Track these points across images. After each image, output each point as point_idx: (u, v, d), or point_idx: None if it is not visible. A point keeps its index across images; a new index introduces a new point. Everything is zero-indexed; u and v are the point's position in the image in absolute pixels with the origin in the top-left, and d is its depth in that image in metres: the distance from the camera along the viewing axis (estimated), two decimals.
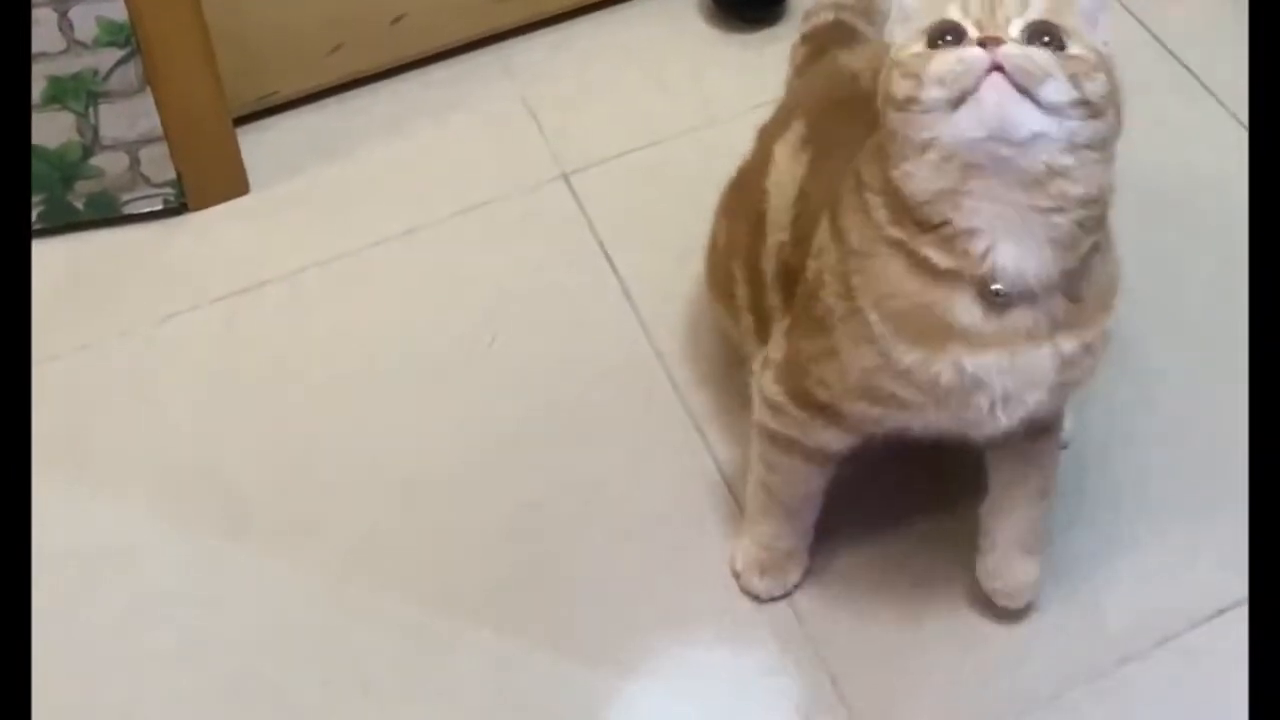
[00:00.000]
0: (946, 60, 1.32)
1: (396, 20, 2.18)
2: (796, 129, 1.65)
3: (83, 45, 1.90)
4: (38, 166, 1.98)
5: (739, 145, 2.12)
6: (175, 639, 1.70)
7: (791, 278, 1.57)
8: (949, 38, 1.34)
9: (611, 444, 1.84)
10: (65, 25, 1.88)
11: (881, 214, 1.42)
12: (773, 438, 1.62)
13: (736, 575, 1.72)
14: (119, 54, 1.92)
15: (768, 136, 1.72)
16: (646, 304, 1.97)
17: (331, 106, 2.22)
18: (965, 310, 1.40)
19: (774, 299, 1.62)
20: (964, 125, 1.32)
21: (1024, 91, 1.30)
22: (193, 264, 2.04)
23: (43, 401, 1.85)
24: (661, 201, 2.09)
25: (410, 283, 2.02)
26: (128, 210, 2.07)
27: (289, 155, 2.15)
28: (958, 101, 1.31)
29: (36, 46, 1.87)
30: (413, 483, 1.82)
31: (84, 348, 1.95)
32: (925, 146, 1.35)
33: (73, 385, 1.91)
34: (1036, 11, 1.35)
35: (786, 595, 1.71)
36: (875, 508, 1.76)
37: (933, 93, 1.32)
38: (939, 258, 1.39)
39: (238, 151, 2.09)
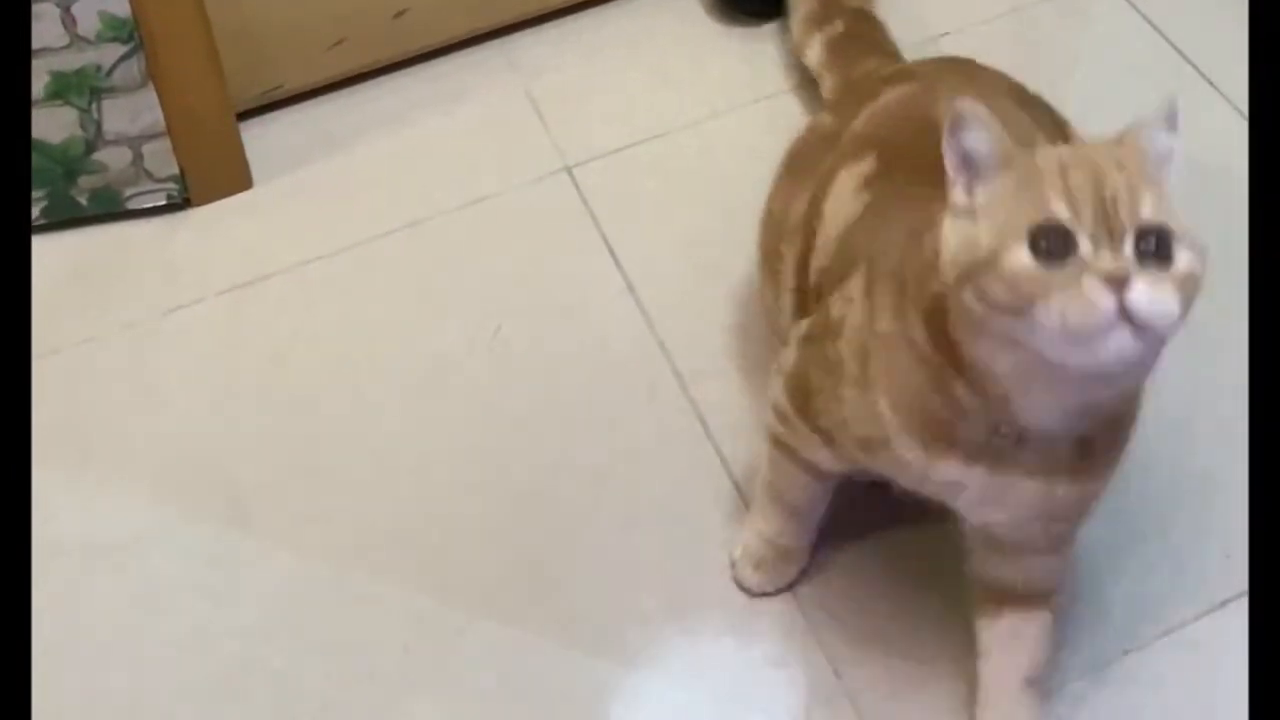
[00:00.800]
0: (1074, 306, 1.22)
1: (399, 14, 2.18)
2: (866, 163, 1.60)
3: (85, 40, 1.90)
4: (40, 162, 1.98)
5: (742, 138, 2.14)
6: (180, 629, 1.71)
7: (820, 296, 1.57)
8: (1054, 242, 1.24)
9: (615, 435, 1.85)
10: (68, 20, 1.88)
11: (919, 334, 1.38)
12: (776, 442, 1.62)
13: (732, 564, 1.72)
14: (122, 49, 1.92)
15: (839, 154, 1.66)
16: (649, 296, 1.97)
17: (335, 101, 2.22)
18: (973, 432, 1.38)
19: (811, 300, 1.61)
20: (1073, 359, 1.25)
21: (1143, 337, 1.23)
22: (196, 258, 2.04)
23: (47, 395, 1.86)
24: (665, 194, 2.09)
25: (414, 276, 2.02)
26: (131, 205, 2.07)
27: (292, 150, 2.15)
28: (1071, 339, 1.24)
29: (39, 42, 1.88)
30: (417, 474, 1.83)
31: (87, 341, 1.95)
32: (1010, 344, 1.28)
33: (77, 379, 1.92)
34: (1149, 212, 1.26)
35: (778, 592, 1.71)
36: (879, 500, 1.75)
37: (1046, 325, 1.24)
38: (966, 399, 1.36)
39: (240, 146, 2.09)
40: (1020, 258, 1.25)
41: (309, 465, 1.84)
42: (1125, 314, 1.21)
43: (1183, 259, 1.25)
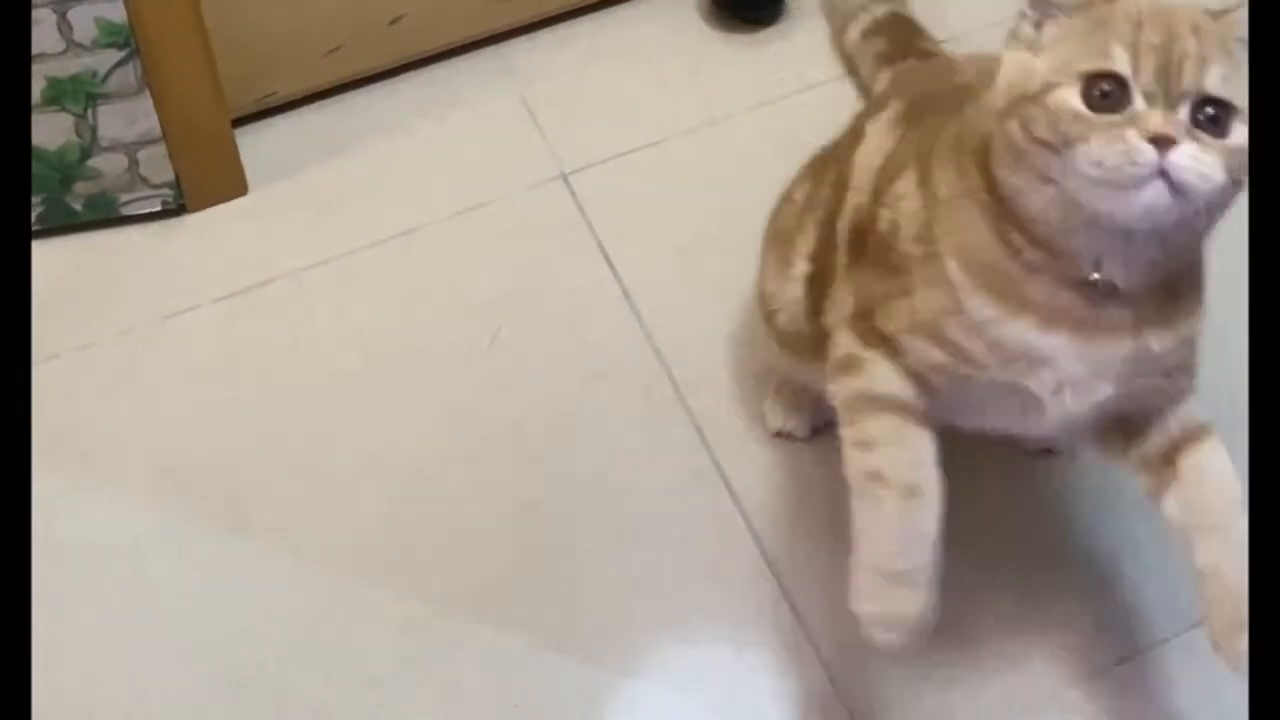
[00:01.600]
0: (1112, 150, 1.25)
1: (395, 20, 2.18)
2: (893, 108, 1.60)
3: (81, 46, 1.90)
4: (36, 168, 1.98)
5: (738, 145, 2.14)
6: (177, 635, 1.71)
7: (861, 238, 1.52)
8: (1108, 91, 1.26)
9: (611, 442, 1.85)
10: (64, 26, 1.87)
11: (976, 180, 1.37)
12: (852, 406, 1.47)
13: (860, 620, 1.42)
14: (118, 55, 1.92)
15: (861, 118, 1.68)
16: (646, 303, 1.97)
17: (331, 107, 2.21)
18: (1045, 288, 1.35)
19: (842, 258, 1.56)
20: (1106, 206, 1.27)
21: (1179, 195, 1.25)
22: (192, 264, 2.04)
23: (44, 400, 1.86)
24: (661, 200, 2.09)
25: (410, 282, 2.02)
26: (127, 211, 2.06)
27: (288, 156, 2.15)
28: (1106, 183, 1.26)
29: (35, 47, 1.87)
30: (413, 481, 1.83)
31: (84, 347, 1.95)
32: (1047, 182, 1.30)
33: (74, 384, 1.91)
34: (1213, 84, 1.27)
35: (921, 642, 1.44)
36: None
37: (1081, 165, 1.26)
38: (1029, 251, 1.35)
39: (236, 152, 2.09)
40: (1070, 97, 1.27)
41: (306, 470, 1.84)
42: (1164, 171, 1.24)
43: (1238, 134, 1.27)
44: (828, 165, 1.69)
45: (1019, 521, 1.77)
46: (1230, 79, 1.27)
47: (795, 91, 2.18)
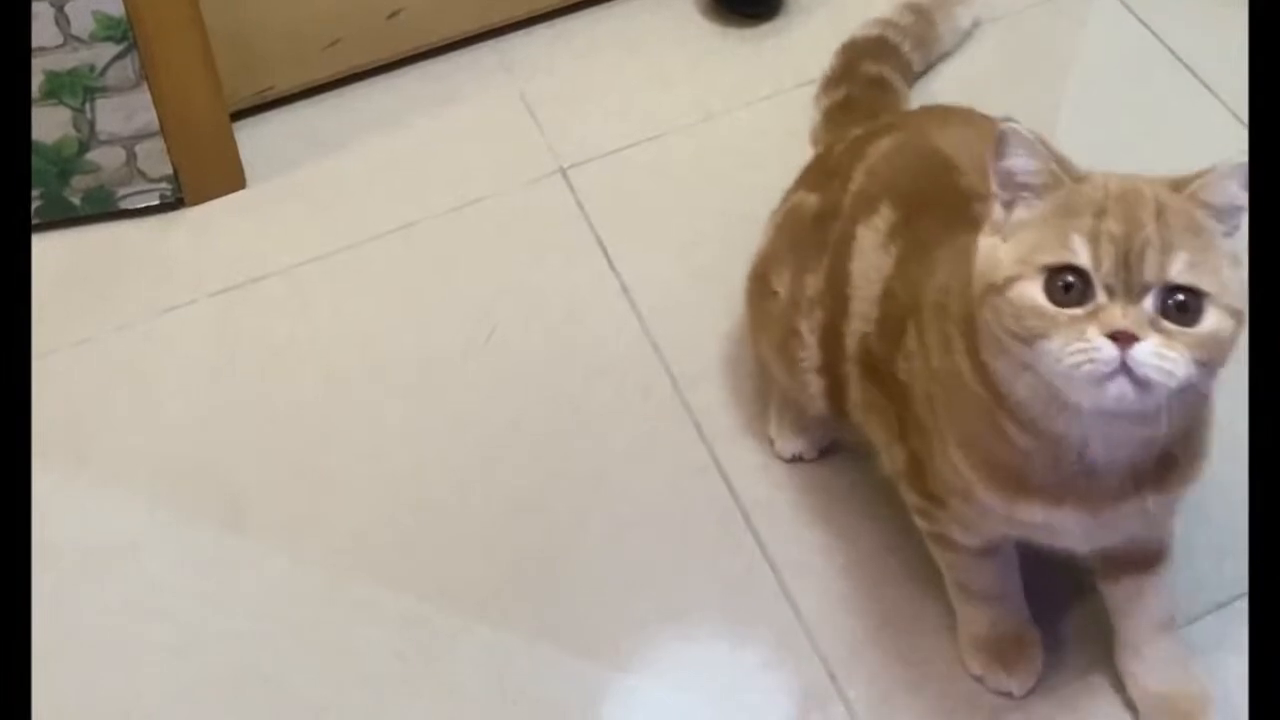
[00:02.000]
0: (1075, 347, 1.24)
1: (393, 15, 2.18)
2: (885, 215, 1.57)
3: (79, 40, 1.89)
4: (34, 162, 1.97)
5: (737, 140, 2.14)
6: (175, 633, 1.70)
7: (872, 365, 1.55)
8: (1071, 283, 1.25)
9: (609, 438, 1.84)
10: (62, 20, 1.87)
11: (964, 363, 1.38)
12: (933, 539, 1.60)
13: (980, 679, 1.62)
14: (116, 49, 1.92)
15: (848, 215, 1.63)
16: (644, 298, 1.97)
17: (329, 101, 2.21)
18: (1042, 473, 1.37)
19: (853, 370, 1.59)
20: (1074, 395, 1.27)
21: (1144, 389, 1.24)
22: (190, 259, 2.04)
23: (41, 395, 1.85)
24: (659, 196, 2.09)
25: (408, 277, 2.01)
26: (124, 205, 2.06)
27: (286, 150, 2.15)
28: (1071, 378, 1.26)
29: (34, 41, 1.87)
30: (411, 477, 1.82)
31: (82, 342, 1.95)
32: (1026, 368, 1.30)
33: (71, 379, 1.91)
34: (1178, 272, 1.25)
35: (1027, 695, 1.62)
36: (876, 502, 1.76)
37: (1046, 360, 1.26)
38: (1019, 438, 1.36)
39: (234, 146, 2.09)
40: (1031, 292, 1.26)
41: (304, 468, 1.84)
42: (1127, 366, 1.23)
43: (1209, 320, 1.25)
44: (814, 250, 1.66)
45: None
46: (1199, 263, 1.26)
47: (794, 86, 2.18)
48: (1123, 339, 1.23)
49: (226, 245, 2.05)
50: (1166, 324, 1.24)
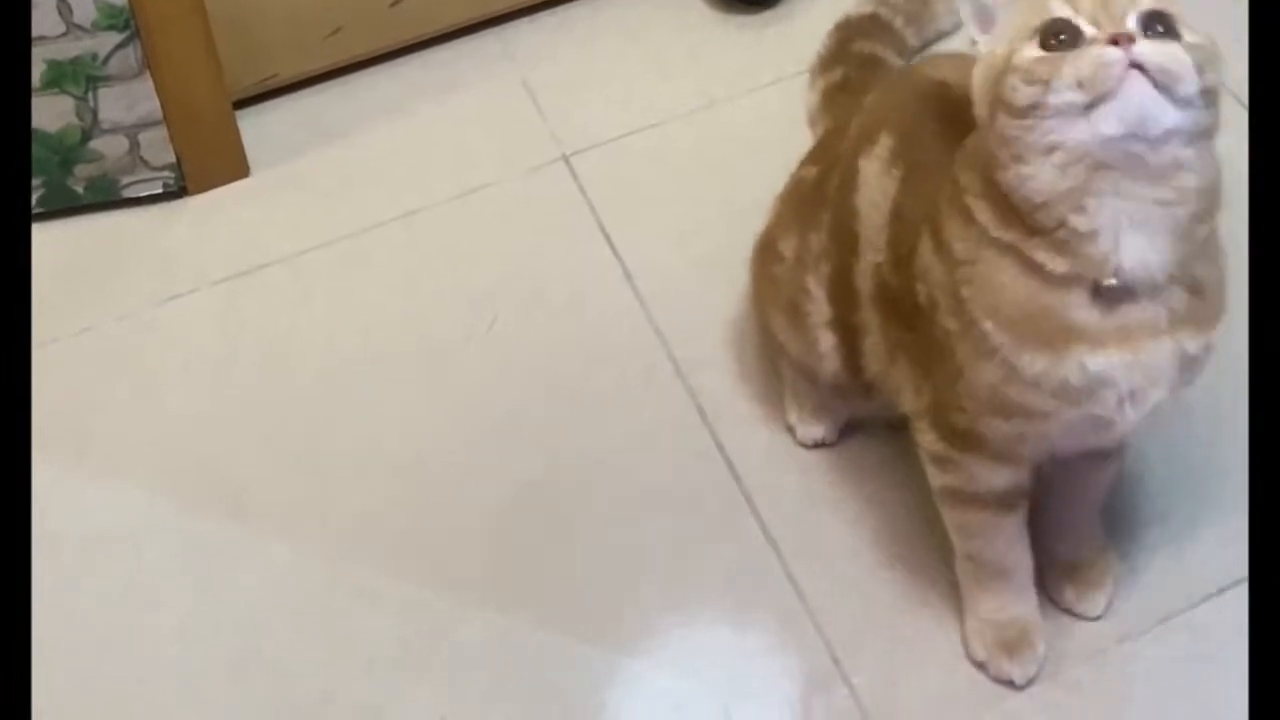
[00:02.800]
0: (1084, 63, 1.30)
1: (396, 3, 2.18)
2: (884, 143, 1.58)
3: (82, 29, 1.90)
4: (37, 150, 1.98)
5: (739, 127, 2.14)
6: (176, 620, 1.71)
7: (890, 298, 1.55)
8: (1063, 37, 1.32)
9: (612, 424, 1.85)
10: (64, 9, 1.88)
11: (986, 216, 1.39)
12: (950, 496, 1.58)
13: (982, 665, 1.63)
14: (118, 37, 1.92)
15: (849, 153, 1.64)
16: (646, 284, 1.97)
17: (331, 89, 2.21)
18: (1083, 310, 1.38)
19: (871, 317, 1.59)
20: (1103, 126, 1.30)
21: (1162, 88, 1.29)
22: (192, 247, 2.04)
23: (43, 384, 1.86)
24: (662, 183, 2.09)
25: (411, 265, 2.02)
26: (127, 194, 2.06)
27: (289, 138, 2.15)
28: (1093, 103, 1.30)
29: (35, 30, 1.87)
30: (413, 464, 1.83)
31: (84, 331, 1.95)
32: (1050, 149, 1.32)
33: (73, 368, 1.91)
34: (1149, 0, 1.33)
35: (1039, 671, 1.62)
36: (880, 486, 1.76)
37: (1067, 96, 1.30)
38: (1053, 262, 1.36)
39: (237, 135, 2.09)
40: (1031, 51, 1.33)
41: (305, 455, 1.84)
42: (1137, 65, 1.29)
43: (1189, 35, 1.33)
44: (815, 209, 1.67)
45: None
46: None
47: (795, 74, 2.17)
48: (1123, 40, 1.30)
49: (229, 234, 2.05)
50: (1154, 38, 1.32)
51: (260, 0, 2.08)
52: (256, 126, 2.14)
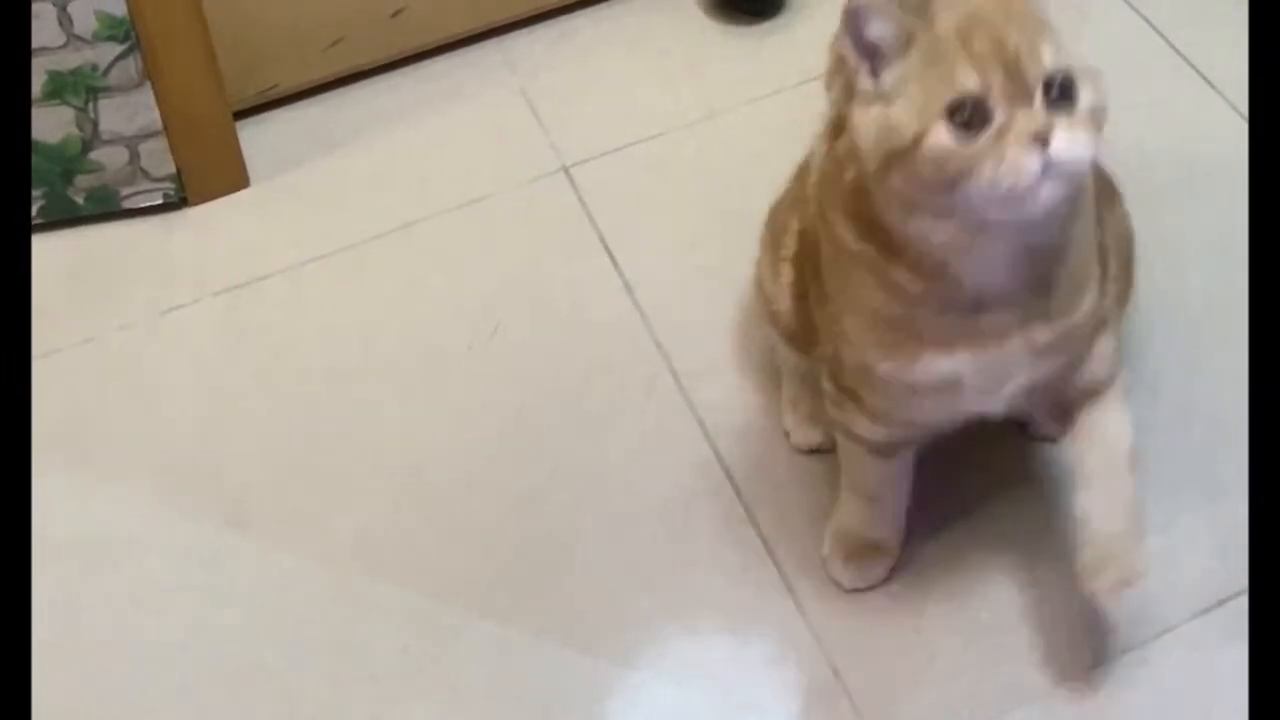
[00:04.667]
0: (1003, 170, 1.28)
1: (396, 14, 2.18)
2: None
3: (82, 40, 1.90)
4: (37, 161, 1.98)
5: (739, 137, 2.14)
6: (177, 629, 1.71)
7: (812, 246, 1.57)
8: (970, 114, 1.29)
9: (612, 434, 1.85)
10: (64, 20, 1.88)
11: (845, 232, 1.42)
12: (839, 428, 1.63)
13: (824, 560, 1.72)
14: (118, 49, 1.92)
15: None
16: (647, 295, 1.97)
17: (331, 100, 2.22)
18: (933, 319, 1.41)
19: (806, 262, 1.62)
20: (1013, 214, 1.31)
21: (1071, 177, 1.31)
22: (193, 258, 2.04)
23: (45, 394, 1.86)
24: (662, 193, 2.09)
25: (411, 275, 2.02)
26: (128, 204, 2.07)
27: (289, 149, 2.15)
28: (1004, 198, 1.30)
29: (36, 41, 1.87)
30: (414, 474, 1.83)
31: (86, 341, 1.95)
32: (947, 214, 1.33)
33: (75, 378, 1.91)
34: (1051, 59, 1.31)
35: (870, 588, 1.70)
36: None
37: (980, 192, 1.29)
38: (911, 284, 1.40)
39: (237, 145, 2.09)
40: (942, 137, 1.30)
41: (306, 465, 1.84)
42: (1052, 164, 1.28)
43: (1086, 96, 1.31)
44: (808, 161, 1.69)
45: (1024, 511, 1.76)
46: (1057, 47, 1.32)
47: (796, 84, 2.18)
48: (1040, 140, 1.28)
49: (229, 244, 2.06)
50: (1060, 114, 1.30)
51: (260, 11, 2.09)
52: (256, 137, 2.14)
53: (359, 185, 2.12)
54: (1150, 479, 1.76)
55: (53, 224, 2.05)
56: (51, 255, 2.03)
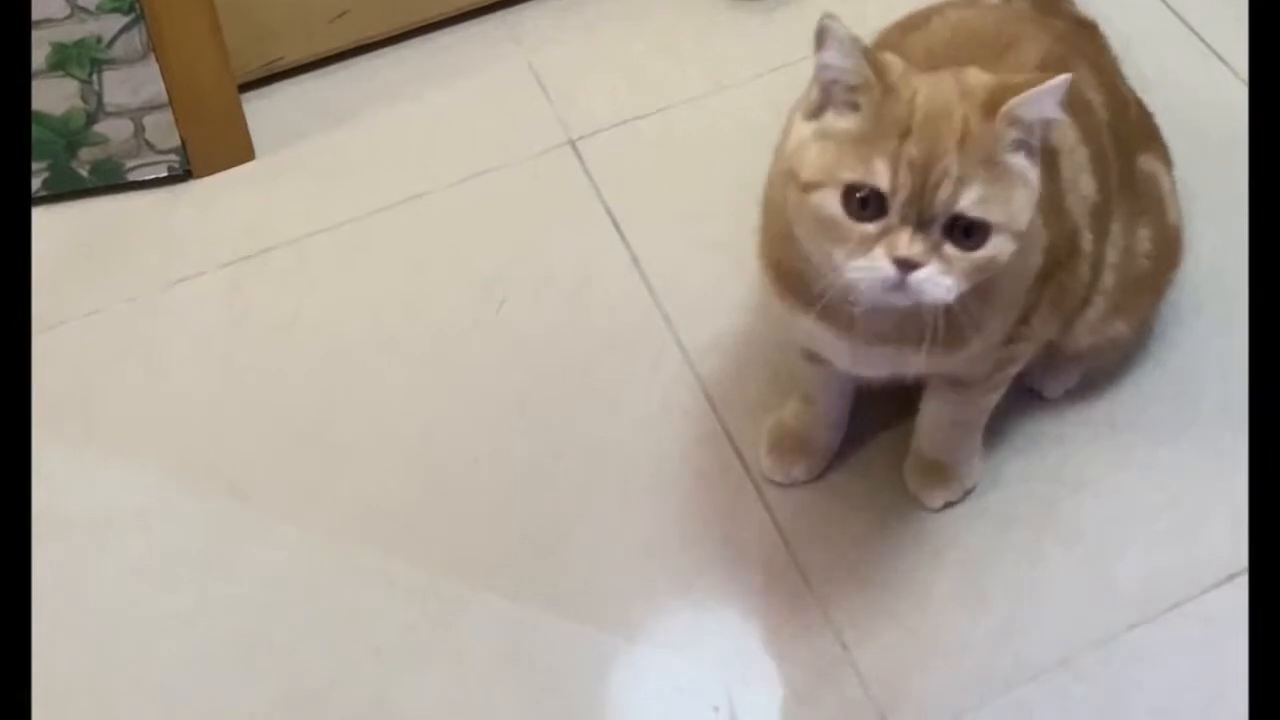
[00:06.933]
0: (858, 264, 1.33)
1: None
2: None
3: (86, 11, 1.89)
4: (42, 134, 1.97)
5: (747, 111, 2.13)
6: (184, 603, 1.70)
7: None
8: (866, 201, 1.32)
9: (619, 408, 1.84)
10: None
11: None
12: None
13: (759, 451, 1.78)
14: (123, 20, 1.91)
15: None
16: (654, 269, 1.96)
17: (337, 73, 2.21)
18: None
19: None
20: (853, 290, 1.36)
21: (921, 301, 1.34)
22: (198, 231, 2.04)
23: (51, 367, 1.86)
24: (669, 167, 2.08)
25: (417, 249, 2.01)
26: (132, 177, 2.06)
27: (294, 122, 2.14)
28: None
29: (39, 13, 1.87)
30: (420, 447, 1.82)
31: (91, 314, 1.95)
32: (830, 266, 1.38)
33: (80, 351, 1.91)
34: (968, 204, 1.32)
35: (790, 484, 1.76)
36: (888, 472, 1.76)
37: (834, 265, 1.35)
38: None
39: (242, 118, 2.09)
40: (830, 203, 1.34)
41: (312, 438, 1.83)
42: (905, 282, 1.32)
43: (991, 246, 1.34)
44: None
45: (1029, 487, 1.76)
46: (990, 196, 1.33)
47: (803, 57, 2.12)
48: (904, 265, 1.32)
49: (234, 217, 2.05)
50: (950, 249, 1.33)
51: None
52: (262, 110, 2.13)
53: (365, 158, 2.11)
54: (1158, 456, 1.77)
55: (57, 197, 2.05)
56: (57, 228, 2.02)
